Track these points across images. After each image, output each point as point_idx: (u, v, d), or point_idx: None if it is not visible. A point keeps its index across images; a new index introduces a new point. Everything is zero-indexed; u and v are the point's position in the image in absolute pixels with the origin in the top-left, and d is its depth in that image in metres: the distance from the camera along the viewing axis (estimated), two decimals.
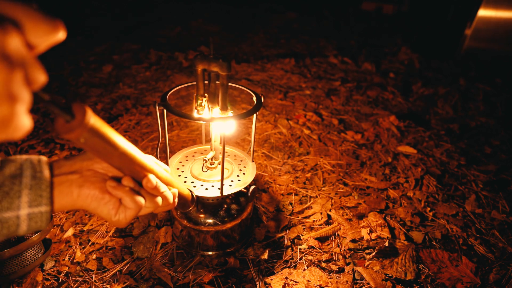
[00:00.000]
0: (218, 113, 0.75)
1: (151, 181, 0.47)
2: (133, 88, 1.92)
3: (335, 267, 0.89)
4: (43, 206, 0.41)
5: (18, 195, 0.39)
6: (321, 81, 2.14)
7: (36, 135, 1.42)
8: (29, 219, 0.40)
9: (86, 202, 0.45)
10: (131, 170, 0.45)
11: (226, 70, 0.67)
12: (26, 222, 0.40)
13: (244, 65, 2.35)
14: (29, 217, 0.40)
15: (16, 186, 0.40)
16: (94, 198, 0.45)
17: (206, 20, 3.54)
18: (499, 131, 1.68)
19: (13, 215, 0.39)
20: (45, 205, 0.41)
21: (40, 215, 0.41)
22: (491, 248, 0.99)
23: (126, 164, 0.43)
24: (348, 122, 1.67)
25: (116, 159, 0.42)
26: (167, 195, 0.52)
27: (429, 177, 1.29)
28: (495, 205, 1.17)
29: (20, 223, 0.40)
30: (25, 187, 0.40)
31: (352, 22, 3.85)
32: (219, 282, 0.84)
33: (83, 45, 2.61)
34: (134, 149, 0.45)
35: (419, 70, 2.46)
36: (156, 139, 1.42)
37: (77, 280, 0.83)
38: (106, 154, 0.40)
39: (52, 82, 1.95)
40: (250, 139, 1.39)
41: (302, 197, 1.15)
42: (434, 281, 0.87)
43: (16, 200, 0.39)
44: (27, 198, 0.40)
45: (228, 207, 0.87)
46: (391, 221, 1.06)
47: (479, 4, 2.50)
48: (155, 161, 0.54)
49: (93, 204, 0.45)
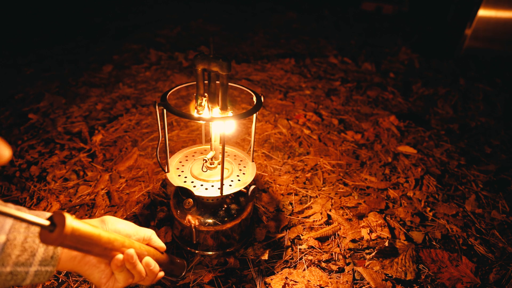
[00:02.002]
0: (218, 113, 0.75)
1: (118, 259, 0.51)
2: (133, 88, 1.92)
3: (335, 267, 0.89)
4: (50, 267, 0.45)
5: (34, 254, 0.44)
6: (321, 81, 2.14)
7: (36, 135, 1.42)
8: (35, 275, 0.44)
9: (84, 268, 0.51)
10: (108, 255, 0.49)
11: (226, 70, 0.67)
12: (31, 277, 0.44)
13: (244, 65, 2.35)
14: (36, 273, 0.44)
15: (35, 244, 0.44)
16: (92, 265, 0.51)
17: (206, 20, 3.54)
18: (499, 131, 1.68)
19: (23, 270, 0.43)
20: (52, 266, 0.46)
21: (45, 273, 0.45)
22: (491, 248, 0.99)
23: (104, 252, 0.48)
24: (348, 122, 1.67)
25: (94, 253, 0.46)
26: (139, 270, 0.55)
27: (429, 177, 1.29)
28: (495, 205, 1.17)
29: (27, 278, 0.44)
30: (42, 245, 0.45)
31: (352, 22, 3.85)
32: (219, 282, 0.84)
33: (83, 45, 2.61)
34: (110, 236, 0.49)
35: (419, 70, 2.46)
36: (156, 139, 1.43)
37: (77, 280, 0.83)
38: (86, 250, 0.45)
39: (52, 82, 1.95)
40: (250, 139, 1.39)
41: (302, 197, 1.15)
42: (434, 281, 0.87)
43: (31, 257, 0.43)
44: (40, 257, 0.44)
45: (228, 207, 0.87)
46: (391, 221, 1.06)
47: (479, 4, 2.50)
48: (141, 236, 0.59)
49: (89, 270, 0.51)
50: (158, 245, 0.61)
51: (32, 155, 1.29)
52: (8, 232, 0.42)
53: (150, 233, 0.60)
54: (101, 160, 1.28)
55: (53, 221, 0.39)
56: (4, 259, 0.41)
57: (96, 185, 1.15)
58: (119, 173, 1.22)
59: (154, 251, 0.59)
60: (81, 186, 1.15)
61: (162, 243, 0.62)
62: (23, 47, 2.51)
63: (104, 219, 0.54)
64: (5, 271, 0.41)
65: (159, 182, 1.18)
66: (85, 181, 1.18)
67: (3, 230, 0.41)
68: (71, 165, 1.25)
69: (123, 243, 0.50)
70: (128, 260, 0.50)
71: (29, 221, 0.35)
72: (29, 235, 0.43)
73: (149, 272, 0.56)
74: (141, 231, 0.58)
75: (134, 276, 0.54)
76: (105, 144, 1.38)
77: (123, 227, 0.55)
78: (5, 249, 0.41)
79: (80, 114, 1.61)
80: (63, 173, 1.20)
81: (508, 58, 2.62)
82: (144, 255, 0.55)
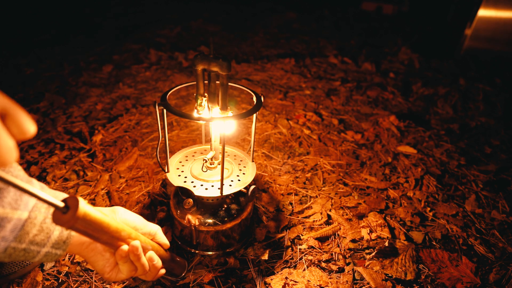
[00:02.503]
0: (218, 113, 0.75)
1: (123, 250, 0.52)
2: (133, 88, 1.92)
3: (335, 267, 0.89)
4: (60, 250, 0.46)
5: (49, 235, 0.44)
6: (321, 81, 2.14)
7: (36, 135, 1.42)
8: (45, 255, 0.45)
9: (90, 254, 0.52)
10: (115, 244, 0.50)
11: (226, 69, 0.67)
12: (41, 257, 0.45)
13: (244, 65, 2.35)
14: (46, 254, 0.45)
15: (52, 226, 0.45)
16: (97, 252, 0.52)
17: (206, 20, 3.54)
18: (499, 131, 1.68)
19: (36, 250, 0.43)
20: (62, 250, 0.47)
21: (54, 255, 0.46)
22: (491, 248, 0.99)
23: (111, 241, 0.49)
24: (348, 122, 1.67)
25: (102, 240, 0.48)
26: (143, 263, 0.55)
27: (429, 177, 1.29)
28: (495, 205, 1.16)
29: (36, 256, 0.44)
30: (58, 229, 0.46)
31: (352, 22, 3.85)
32: (219, 282, 0.84)
33: (83, 45, 2.61)
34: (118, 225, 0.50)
35: (419, 70, 2.46)
36: (156, 139, 1.42)
37: (77, 280, 0.83)
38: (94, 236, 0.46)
39: (52, 82, 1.95)
40: (250, 139, 1.39)
41: (302, 197, 1.15)
42: (434, 281, 0.87)
43: (46, 239, 0.44)
44: (54, 240, 0.45)
45: (228, 207, 0.87)
46: (391, 221, 1.06)
47: (479, 4, 2.50)
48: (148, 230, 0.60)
49: (94, 257, 0.52)
50: (162, 242, 0.62)
51: (32, 155, 1.29)
52: (31, 210, 0.43)
53: (156, 229, 0.61)
54: (101, 160, 1.28)
55: (67, 204, 0.40)
56: (22, 236, 0.41)
57: (96, 185, 1.15)
58: (119, 173, 1.22)
59: (158, 247, 0.60)
60: (81, 186, 1.15)
61: (166, 240, 0.63)
62: (23, 47, 2.51)
63: (115, 209, 0.55)
64: (20, 247, 0.42)
65: (159, 182, 1.18)
66: (85, 181, 1.18)
67: (27, 207, 0.42)
68: (71, 165, 1.25)
69: (129, 235, 0.51)
70: (133, 251, 0.51)
71: (45, 200, 0.35)
72: (48, 216, 0.44)
73: (152, 267, 0.56)
74: (149, 225, 0.59)
75: (137, 268, 0.54)
76: (105, 144, 1.38)
77: (132, 219, 0.56)
78: (25, 227, 0.41)
79: (80, 114, 1.61)
80: (63, 173, 1.20)
81: (508, 58, 2.62)
82: (148, 249, 0.56)
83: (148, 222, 0.60)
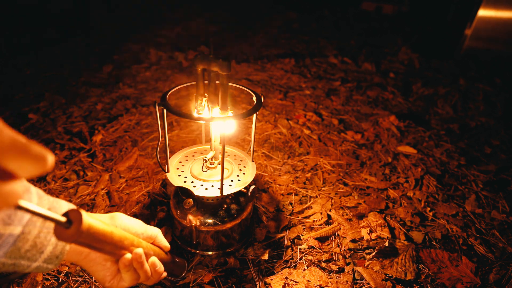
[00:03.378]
0: (218, 113, 0.75)
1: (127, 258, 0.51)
2: (133, 88, 1.92)
3: (335, 267, 0.89)
4: (52, 265, 0.45)
5: (42, 251, 0.43)
6: (321, 81, 2.14)
7: (36, 135, 1.42)
8: (36, 268, 0.44)
9: (89, 264, 0.51)
10: (117, 253, 0.49)
11: (226, 69, 0.67)
12: (31, 269, 0.44)
13: (244, 65, 2.35)
14: (37, 268, 0.44)
15: (46, 240, 0.43)
16: (97, 262, 0.51)
17: (206, 20, 3.54)
18: (499, 131, 1.68)
19: (26, 264, 0.42)
20: (54, 265, 0.45)
21: (45, 269, 0.45)
22: (491, 248, 0.99)
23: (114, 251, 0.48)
24: (348, 122, 1.67)
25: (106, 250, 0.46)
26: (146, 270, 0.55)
27: (429, 177, 1.29)
28: (495, 205, 1.16)
29: (26, 269, 0.43)
30: (52, 244, 0.44)
31: (352, 22, 3.85)
32: (219, 282, 0.84)
33: (83, 45, 2.61)
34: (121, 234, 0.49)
35: (419, 70, 2.46)
36: (156, 139, 1.42)
37: (77, 280, 0.83)
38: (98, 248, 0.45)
39: (52, 82, 1.95)
40: (250, 139, 1.39)
41: (302, 197, 1.15)
42: (434, 281, 0.87)
43: (38, 254, 0.43)
44: (46, 255, 0.44)
45: (228, 207, 0.87)
46: (391, 221, 1.06)
47: (479, 4, 2.50)
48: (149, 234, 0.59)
49: (94, 267, 0.51)
50: (163, 245, 0.62)
51: None
52: (25, 224, 0.41)
53: (157, 232, 0.60)
54: (101, 160, 1.28)
55: (69, 218, 0.39)
56: (13, 252, 0.40)
57: (96, 185, 1.15)
58: (119, 173, 1.22)
59: (159, 251, 0.59)
60: (81, 186, 1.15)
61: (167, 243, 0.62)
62: (23, 47, 2.51)
63: (114, 215, 0.54)
64: (9, 262, 0.41)
65: (159, 182, 1.18)
66: (85, 181, 1.18)
67: (21, 222, 0.41)
68: (71, 165, 1.25)
69: (132, 242, 0.50)
70: (136, 259, 0.50)
71: (46, 217, 0.34)
72: (42, 230, 0.43)
73: (154, 273, 0.56)
74: (149, 229, 0.58)
75: (140, 276, 0.54)
76: (105, 144, 1.38)
77: (132, 224, 0.55)
78: (17, 243, 0.40)
79: (80, 114, 1.61)
80: (63, 173, 1.20)
81: (508, 58, 2.62)
82: (150, 254, 0.56)
83: (148, 226, 0.59)
